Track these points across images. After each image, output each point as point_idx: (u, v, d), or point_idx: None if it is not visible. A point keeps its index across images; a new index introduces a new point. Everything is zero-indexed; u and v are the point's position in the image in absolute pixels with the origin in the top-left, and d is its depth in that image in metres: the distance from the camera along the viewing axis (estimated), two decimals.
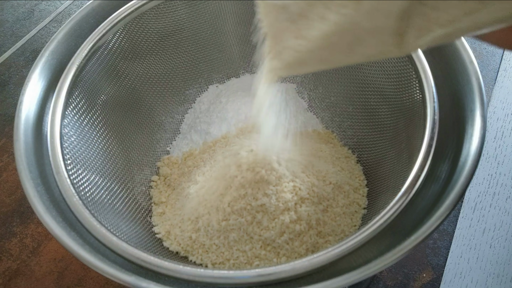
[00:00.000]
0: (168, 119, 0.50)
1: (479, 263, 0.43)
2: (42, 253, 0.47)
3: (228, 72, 0.53)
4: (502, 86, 0.56)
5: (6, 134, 0.58)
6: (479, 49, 0.60)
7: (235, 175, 0.38)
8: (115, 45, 0.42)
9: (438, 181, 0.32)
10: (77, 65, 0.38)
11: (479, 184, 0.48)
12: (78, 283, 0.45)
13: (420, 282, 0.42)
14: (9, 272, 0.46)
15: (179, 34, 0.47)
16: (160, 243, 0.40)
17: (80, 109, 0.39)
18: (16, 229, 0.49)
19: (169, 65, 0.49)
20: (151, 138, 0.48)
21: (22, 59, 0.67)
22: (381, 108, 0.42)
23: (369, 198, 0.42)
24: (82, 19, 0.42)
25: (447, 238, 0.45)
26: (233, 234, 0.37)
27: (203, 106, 0.51)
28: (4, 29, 0.72)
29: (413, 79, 0.36)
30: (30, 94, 0.37)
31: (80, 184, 0.34)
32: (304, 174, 0.39)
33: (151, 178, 0.45)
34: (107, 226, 0.31)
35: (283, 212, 0.37)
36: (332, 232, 0.38)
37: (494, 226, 0.45)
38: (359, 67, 0.43)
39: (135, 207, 0.41)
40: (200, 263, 0.38)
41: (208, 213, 0.38)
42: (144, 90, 0.47)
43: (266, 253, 0.37)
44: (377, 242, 0.28)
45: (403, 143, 0.39)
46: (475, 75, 0.34)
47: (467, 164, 0.31)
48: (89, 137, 0.39)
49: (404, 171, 0.35)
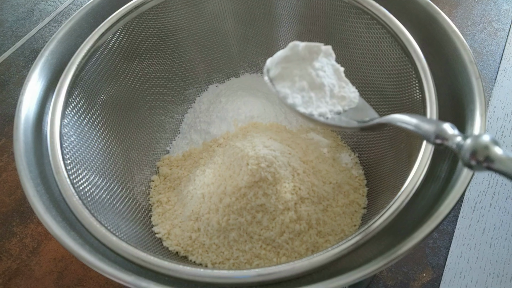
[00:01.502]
0: (168, 119, 0.50)
1: (479, 263, 0.43)
2: (42, 253, 0.47)
3: (228, 71, 0.53)
4: (502, 86, 0.56)
5: (6, 134, 0.58)
6: (479, 49, 0.60)
7: (235, 175, 0.38)
8: (115, 45, 0.42)
9: (438, 180, 0.32)
10: (76, 64, 0.38)
11: (479, 183, 0.48)
12: (78, 283, 0.45)
13: (420, 282, 0.42)
14: (9, 272, 0.46)
15: (179, 34, 0.47)
16: (160, 243, 0.40)
17: (80, 109, 0.39)
18: (16, 229, 0.49)
19: (169, 65, 0.49)
20: (151, 138, 0.48)
21: (22, 59, 0.67)
22: (381, 108, 0.42)
23: (369, 198, 0.42)
24: (82, 18, 0.42)
25: (447, 238, 0.45)
26: (233, 234, 0.37)
27: (203, 105, 0.51)
28: (4, 29, 0.72)
29: (413, 79, 0.36)
30: (30, 94, 0.37)
31: (80, 184, 0.34)
32: (304, 174, 0.39)
33: (151, 178, 0.45)
34: (107, 226, 0.31)
35: (283, 211, 0.37)
36: (332, 231, 0.38)
37: (494, 226, 0.45)
38: (359, 67, 0.43)
39: (135, 207, 0.41)
40: (200, 263, 0.38)
41: (208, 213, 0.38)
42: (144, 90, 0.47)
43: (266, 252, 0.37)
44: (377, 242, 0.28)
45: (403, 143, 0.39)
46: (475, 75, 0.34)
47: None
48: (89, 137, 0.39)
49: (404, 171, 0.35)
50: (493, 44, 0.61)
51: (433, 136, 0.23)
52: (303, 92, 0.33)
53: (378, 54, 0.41)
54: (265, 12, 0.48)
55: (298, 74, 0.34)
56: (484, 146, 0.20)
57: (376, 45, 0.40)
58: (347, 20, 0.42)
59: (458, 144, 0.22)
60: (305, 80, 0.34)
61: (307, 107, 0.33)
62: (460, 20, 0.64)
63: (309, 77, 0.34)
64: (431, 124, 0.24)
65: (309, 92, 0.34)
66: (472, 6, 0.66)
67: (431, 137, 0.24)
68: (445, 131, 0.23)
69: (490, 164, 0.20)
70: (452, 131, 0.23)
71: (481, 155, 0.20)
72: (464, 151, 0.21)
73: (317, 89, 0.34)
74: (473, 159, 0.21)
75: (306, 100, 0.33)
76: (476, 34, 0.62)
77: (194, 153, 0.47)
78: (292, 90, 0.33)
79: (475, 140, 0.21)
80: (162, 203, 0.43)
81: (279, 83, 0.34)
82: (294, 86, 0.34)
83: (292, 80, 0.34)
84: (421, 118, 0.26)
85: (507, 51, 0.60)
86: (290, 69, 0.34)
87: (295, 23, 0.48)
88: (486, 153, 0.20)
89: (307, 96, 0.33)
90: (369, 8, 0.38)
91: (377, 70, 0.42)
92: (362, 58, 0.43)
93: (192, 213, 0.39)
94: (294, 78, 0.34)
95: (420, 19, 0.39)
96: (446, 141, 0.23)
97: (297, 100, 0.33)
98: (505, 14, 0.64)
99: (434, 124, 0.24)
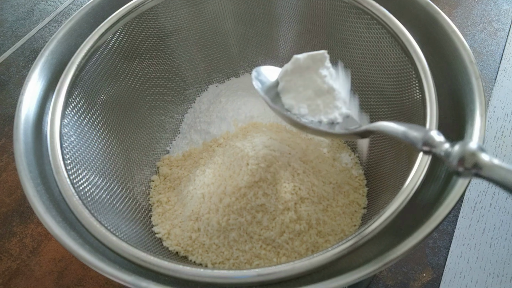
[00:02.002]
0: (168, 119, 0.50)
1: (479, 263, 0.43)
2: (42, 253, 0.47)
3: (228, 71, 0.53)
4: (502, 86, 0.56)
5: (6, 134, 0.58)
6: (479, 49, 0.60)
7: (235, 175, 0.38)
8: (114, 44, 0.42)
9: (438, 180, 0.32)
10: (76, 64, 0.38)
11: (479, 183, 0.48)
12: (78, 283, 0.45)
13: (420, 282, 0.42)
14: (9, 272, 0.46)
15: (179, 34, 0.47)
16: (160, 243, 0.40)
17: (80, 109, 0.39)
18: (16, 229, 0.49)
19: (169, 65, 0.49)
20: (151, 138, 0.48)
21: (22, 59, 0.67)
22: (381, 108, 0.42)
23: (369, 198, 0.42)
24: (82, 18, 0.42)
25: (447, 238, 0.45)
26: (233, 234, 0.37)
27: (203, 105, 0.51)
28: (4, 29, 0.72)
29: (413, 79, 0.36)
30: (29, 94, 0.37)
31: (80, 184, 0.34)
32: (304, 174, 0.39)
33: (151, 178, 0.45)
34: (107, 226, 0.31)
35: (283, 211, 0.37)
36: (332, 231, 0.38)
37: (494, 226, 0.45)
38: (359, 67, 0.43)
39: (135, 207, 0.41)
40: (200, 263, 0.38)
41: (208, 213, 0.38)
42: (144, 90, 0.47)
43: (266, 252, 0.37)
44: (377, 242, 0.28)
45: (403, 143, 0.39)
46: (475, 75, 0.34)
47: None
48: (89, 137, 0.39)
49: (404, 171, 0.35)
50: (493, 44, 0.61)
51: (421, 143, 0.24)
52: (309, 101, 0.34)
53: (378, 54, 0.41)
54: (265, 12, 0.48)
55: (302, 84, 0.34)
56: (471, 153, 0.21)
57: (376, 45, 0.40)
58: (347, 20, 0.42)
59: (446, 151, 0.22)
60: (310, 88, 0.34)
61: (315, 115, 0.34)
62: (460, 20, 0.64)
63: (314, 85, 0.34)
64: (418, 131, 0.24)
65: (315, 99, 0.34)
66: (472, 6, 0.66)
67: (419, 144, 0.24)
68: (432, 139, 0.23)
69: (479, 171, 0.20)
70: (439, 138, 0.23)
71: (469, 162, 0.20)
72: (451, 158, 0.21)
73: (325, 95, 0.34)
74: (461, 166, 0.21)
75: (313, 108, 0.34)
76: (476, 34, 0.62)
77: (194, 153, 0.47)
78: (297, 100, 0.34)
79: (462, 147, 0.21)
80: (162, 203, 0.43)
81: (284, 96, 0.35)
82: (299, 96, 0.34)
83: (297, 91, 0.34)
84: (408, 126, 0.26)
85: (507, 51, 0.60)
86: (293, 81, 0.35)
87: (295, 23, 0.48)
88: (474, 160, 0.20)
89: (314, 104, 0.34)
90: (369, 8, 0.38)
91: (377, 70, 0.42)
92: (362, 58, 0.43)
93: (192, 213, 0.39)
94: (298, 89, 0.34)
95: (420, 19, 0.39)
96: (434, 148, 0.23)
97: (302, 110, 0.34)
98: (505, 14, 0.64)
99: (422, 132, 0.24)
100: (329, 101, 0.35)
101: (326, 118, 0.34)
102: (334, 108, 0.35)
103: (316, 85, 0.34)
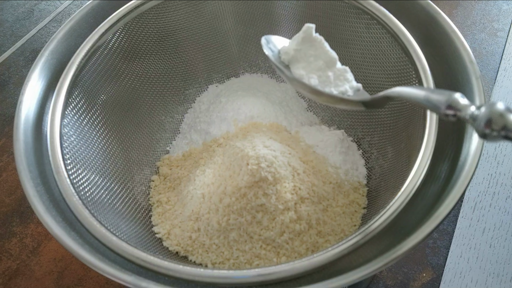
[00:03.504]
0: (168, 119, 0.50)
1: (479, 263, 0.43)
2: (42, 253, 0.47)
3: (228, 71, 0.53)
4: (502, 86, 0.56)
5: (6, 134, 0.58)
6: (479, 49, 0.60)
7: (235, 175, 0.38)
8: (114, 44, 0.42)
9: (438, 180, 0.32)
10: (76, 64, 0.38)
11: (479, 183, 0.48)
12: (78, 283, 0.45)
13: (420, 282, 0.42)
14: (9, 272, 0.46)
15: (179, 34, 0.47)
16: (160, 243, 0.40)
17: (80, 109, 0.39)
18: (16, 229, 0.49)
19: (169, 65, 0.49)
20: (151, 138, 0.48)
21: (22, 59, 0.67)
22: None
23: (369, 198, 0.42)
24: (82, 18, 0.42)
25: (447, 238, 0.45)
26: (233, 234, 0.37)
27: (203, 105, 0.51)
28: (4, 29, 0.72)
29: (413, 79, 0.36)
30: (29, 94, 0.37)
31: (80, 184, 0.34)
32: (304, 173, 0.39)
33: (151, 178, 0.45)
34: (107, 226, 0.31)
35: (283, 211, 0.37)
36: (332, 231, 0.38)
37: (494, 226, 0.45)
38: (359, 67, 0.43)
39: (135, 207, 0.41)
40: (200, 263, 0.38)
41: (208, 213, 0.38)
42: (144, 90, 0.47)
43: (266, 252, 0.37)
44: (377, 242, 0.28)
45: (403, 143, 0.39)
46: (475, 75, 0.34)
47: (466, 163, 0.30)
48: (89, 137, 0.39)
49: (404, 171, 0.35)
50: (493, 44, 0.61)
51: (444, 107, 0.22)
52: (319, 72, 0.33)
53: (378, 54, 0.41)
54: (265, 12, 0.48)
55: (313, 54, 0.33)
56: (500, 114, 0.20)
57: (376, 45, 0.40)
58: (347, 20, 0.42)
59: (472, 114, 0.21)
60: (320, 59, 0.33)
61: (325, 87, 0.32)
62: (460, 20, 0.64)
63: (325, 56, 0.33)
64: (441, 94, 0.23)
65: (326, 71, 0.33)
66: (472, 6, 0.66)
67: (442, 107, 0.22)
68: (457, 101, 0.22)
69: (508, 133, 0.19)
70: (464, 101, 0.22)
71: (497, 124, 0.19)
72: (479, 120, 0.20)
73: (336, 67, 0.33)
74: (488, 128, 0.20)
75: (323, 79, 0.33)
76: (476, 34, 0.62)
77: (194, 153, 0.47)
78: (307, 70, 0.33)
79: (489, 109, 0.20)
80: (162, 203, 0.43)
81: (294, 65, 0.33)
82: (309, 66, 0.33)
83: (307, 61, 0.33)
84: (429, 90, 0.24)
85: (507, 51, 0.60)
86: (304, 50, 0.33)
87: (295, 23, 0.48)
88: (503, 122, 0.19)
89: (324, 76, 0.33)
90: (369, 8, 0.38)
91: (377, 70, 0.42)
92: (362, 58, 0.43)
93: (192, 213, 0.39)
94: (309, 59, 0.33)
95: (420, 19, 0.39)
96: (458, 111, 0.22)
97: (312, 81, 0.32)
98: (505, 14, 0.64)
99: (445, 95, 0.23)
100: (340, 73, 0.33)
101: (336, 90, 0.32)
102: (344, 81, 0.33)
103: (327, 56, 0.33)
